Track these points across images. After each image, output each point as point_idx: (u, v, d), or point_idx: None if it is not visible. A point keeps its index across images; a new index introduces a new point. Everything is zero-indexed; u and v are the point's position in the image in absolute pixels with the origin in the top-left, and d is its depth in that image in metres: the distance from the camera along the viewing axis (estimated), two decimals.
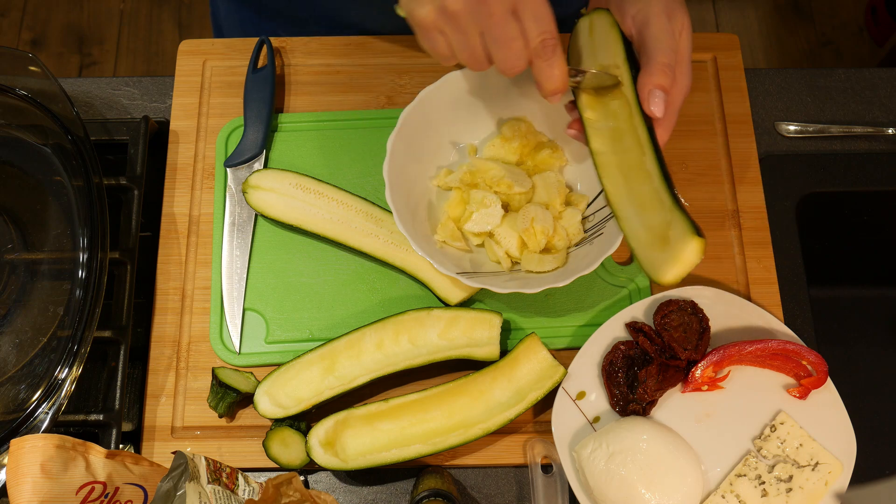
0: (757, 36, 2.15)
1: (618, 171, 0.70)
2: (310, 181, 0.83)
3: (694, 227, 0.63)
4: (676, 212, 0.64)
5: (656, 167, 0.66)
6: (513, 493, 0.77)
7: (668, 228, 0.65)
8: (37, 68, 0.80)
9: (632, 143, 0.68)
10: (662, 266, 0.64)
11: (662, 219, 0.66)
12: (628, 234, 0.69)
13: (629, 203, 0.69)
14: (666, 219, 0.65)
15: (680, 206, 0.64)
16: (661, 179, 0.66)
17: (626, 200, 0.70)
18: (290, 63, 0.92)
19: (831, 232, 0.94)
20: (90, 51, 2.13)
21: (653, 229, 0.67)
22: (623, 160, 0.70)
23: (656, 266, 0.65)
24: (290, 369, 0.75)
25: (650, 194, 0.67)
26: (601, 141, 0.70)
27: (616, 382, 0.74)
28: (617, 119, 0.70)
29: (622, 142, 0.69)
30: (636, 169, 0.68)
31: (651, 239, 0.67)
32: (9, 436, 0.68)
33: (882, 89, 0.93)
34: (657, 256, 0.65)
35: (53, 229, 0.79)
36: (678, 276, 0.64)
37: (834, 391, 0.75)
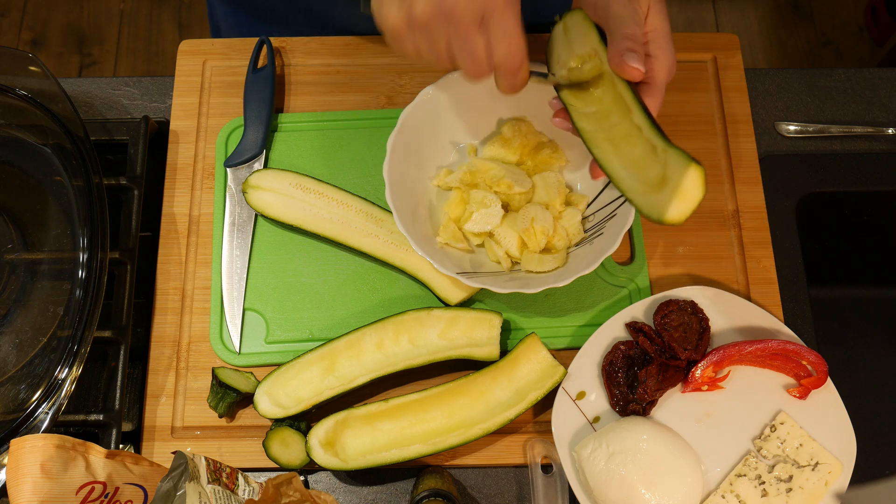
0: (757, 36, 2.15)
1: (607, 141, 0.70)
2: (310, 181, 0.83)
3: (689, 156, 0.61)
4: (670, 149, 0.62)
5: (645, 119, 0.65)
6: (513, 493, 0.77)
7: (664, 170, 0.63)
8: (37, 68, 0.80)
9: (619, 116, 0.69)
10: (666, 205, 0.62)
11: (659, 167, 0.64)
12: (625, 190, 0.67)
13: (625, 167, 0.68)
14: (661, 163, 0.64)
15: (672, 143, 0.63)
16: (651, 127, 0.65)
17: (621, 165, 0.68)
18: (290, 63, 0.92)
19: (831, 232, 0.94)
20: (90, 51, 2.13)
21: (651, 180, 0.66)
22: (612, 132, 0.69)
23: (658, 207, 0.63)
24: (290, 369, 0.75)
25: (643, 149, 0.66)
26: (588, 121, 0.70)
27: (616, 382, 0.74)
28: (601, 101, 0.70)
29: (609, 119, 0.70)
30: (626, 136, 0.68)
31: (649, 188, 0.65)
32: (9, 436, 0.68)
33: (882, 89, 0.93)
34: (658, 198, 0.63)
35: (53, 229, 0.79)
36: (684, 212, 0.62)
37: (834, 391, 0.75)
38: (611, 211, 0.78)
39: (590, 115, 0.71)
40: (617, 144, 0.69)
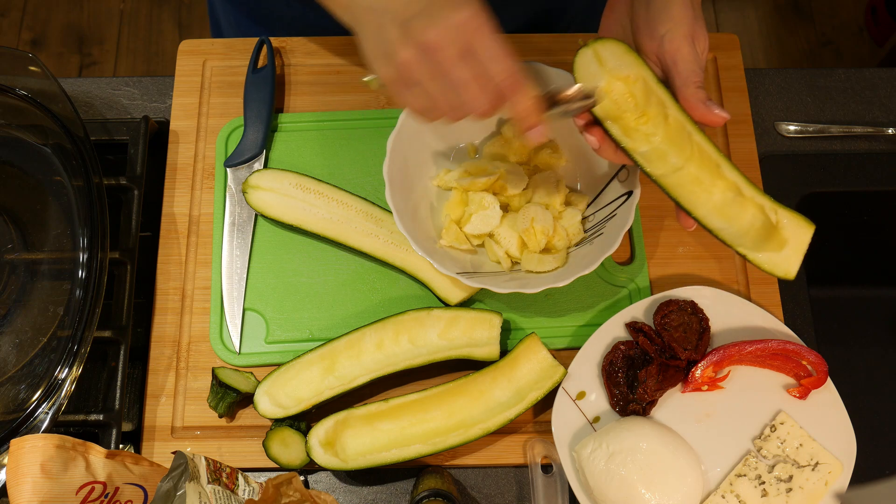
0: (757, 36, 2.15)
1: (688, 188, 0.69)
2: (310, 181, 0.83)
3: (804, 217, 0.67)
4: (781, 209, 0.68)
5: (737, 174, 0.68)
6: (513, 493, 0.77)
7: (774, 227, 0.68)
8: (37, 68, 0.80)
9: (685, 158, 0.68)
10: (789, 262, 0.68)
11: (756, 218, 0.68)
12: (732, 243, 0.69)
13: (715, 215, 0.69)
14: (766, 218, 0.68)
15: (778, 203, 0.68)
16: (749, 184, 0.68)
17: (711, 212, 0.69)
18: (290, 63, 0.92)
19: (831, 232, 0.94)
20: (90, 51, 2.13)
21: (752, 230, 0.69)
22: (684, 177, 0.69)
23: (783, 265, 0.68)
24: (290, 369, 0.75)
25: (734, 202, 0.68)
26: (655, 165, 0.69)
27: (616, 382, 0.74)
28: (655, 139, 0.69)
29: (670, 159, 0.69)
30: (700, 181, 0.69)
31: (756, 240, 0.69)
32: (9, 436, 0.68)
33: (882, 89, 0.93)
34: (778, 256, 0.68)
35: (53, 229, 0.79)
36: (798, 265, 0.68)
37: (834, 391, 0.75)
38: (611, 211, 0.78)
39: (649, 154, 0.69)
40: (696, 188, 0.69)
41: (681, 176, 0.69)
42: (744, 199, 0.68)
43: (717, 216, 0.69)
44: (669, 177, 0.69)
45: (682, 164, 0.68)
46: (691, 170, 0.68)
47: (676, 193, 0.68)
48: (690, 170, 0.68)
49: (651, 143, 0.69)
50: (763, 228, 0.68)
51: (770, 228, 0.68)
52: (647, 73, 0.67)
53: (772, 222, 0.68)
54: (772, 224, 0.68)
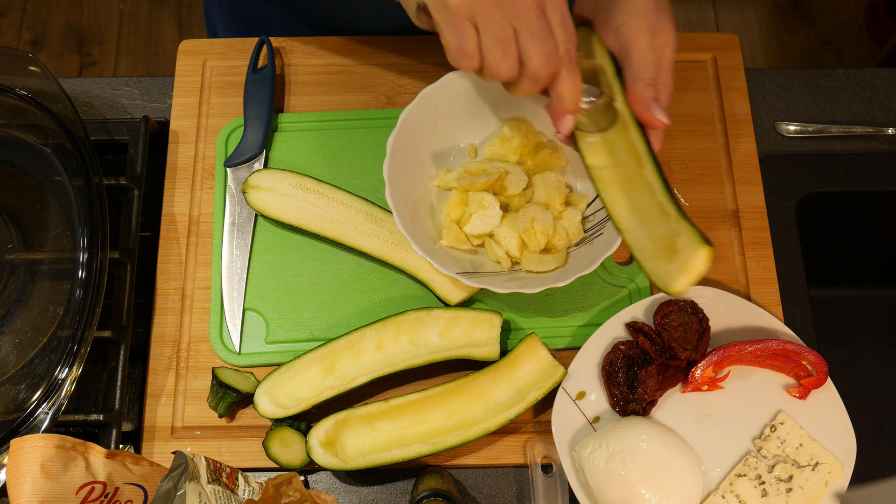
0: (757, 36, 2.15)
1: (616, 185, 0.70)
2: (310, 181, 0.83)
3: (702, 237, 0.63)
4: (683, 222, 0.64)
5: (658, 178, 0.66)
6: (513, 493, 0.77)
7: (674, 238, 0.65)
8: (37, 68, 0.80)
9: (627, 155, 0.68)
10: (672, 277, 0.65)
11: (667, 229, 0.66)
12: (633, 246, 0.69)
13: (631, 215, 0.69)
14: (671, 229, 0.65)
15: (685, 216, 0.65)
16: (664, 191, 0.66)
17: (628, 213, 0.69)
18: (290, 63, 0.92)
19: (831, 232, 0.94)
20: (90, 51, 2.13)
21: (657, 240, 0.67)
22: (621, 173, 0.69)
23: (665, 277, 0.66)
24: (290, 369, 0.75)
25: (652, 205, 0.67)
26: (596, 156, 0.69)
27: (616, 382, 0.74)
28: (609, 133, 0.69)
29: (616, 154, 0.69)
30: (635, 181, 0.68)
31: (656, 250, 0.67)
32: (9, 436, 0.68)
33: (882, 89, 0.93)
34: (665, 267, 0.66)
35: (53, 229, 0.79)
36: (687, 285, 0.65)
37: (834, 391, 0.75)
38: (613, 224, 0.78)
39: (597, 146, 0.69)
40: (627, 189, 0.69)
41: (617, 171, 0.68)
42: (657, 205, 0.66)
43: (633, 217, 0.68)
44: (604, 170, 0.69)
45: (625, 160, 0.68)
46: (631, 166, 0.67)
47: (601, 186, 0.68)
48: (631, 166, 0.67)
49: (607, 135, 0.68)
50: (666, 238, 0.66)
51: (671, 239, 0.66)
52: (608, 62, 0.66)
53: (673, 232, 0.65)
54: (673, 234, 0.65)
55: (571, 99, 0.62)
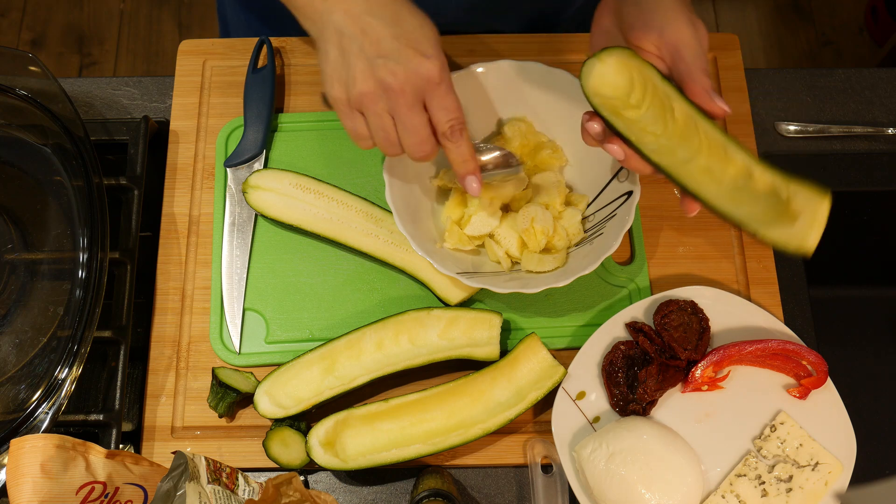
0: (757, 36, 2.15)
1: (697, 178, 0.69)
2: (310, 181, 0.83)
3: (819, 188, 0.66)
4: (794, 183, 0.66)
5: (748, 156, 0.67)
6: (513, 493, 0.77)
7: (788, 202, 0.67)
8: (37, 68, 0.80)
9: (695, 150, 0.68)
10: (804, 235, 0.66)
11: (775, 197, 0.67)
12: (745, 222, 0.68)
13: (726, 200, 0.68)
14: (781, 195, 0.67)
15: (792, 177, 0.66)
16: (761, 164, 0.67)
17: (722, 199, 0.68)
18: (290, 63, 0.92)
19: (831, 232, 0.93)
20: (90, 51, 2.13)
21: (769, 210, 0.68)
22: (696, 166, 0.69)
23: (797, 238, 0.67)
24: (290, 369, 0.75)
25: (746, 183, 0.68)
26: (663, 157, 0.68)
27: (616, 382, 0.74)
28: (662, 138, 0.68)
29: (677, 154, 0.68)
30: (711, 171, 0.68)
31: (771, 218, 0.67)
32: (9, 436, 0.68)
33: (882, 89, 0.93)
34: (791, 230, 0.67)
35: (53, 229, 0.79)
36: (817, 239, 0.67)
37: (834, 391, 0.75)
38: (611, 211, 0.78)
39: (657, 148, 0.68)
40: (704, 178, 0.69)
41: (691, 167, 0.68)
42: (754, 178, 0.67)
43: (727, 200, 0.68)
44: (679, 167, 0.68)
45: (691, 156, 0.68)
46: (701, 161, 0.68)
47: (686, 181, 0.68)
48: (700, 161, 0.68)
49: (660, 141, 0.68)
50: (775, 205, 0.67)
51: (783, 204, 0.67)
52: (652, 71, 0.67)
53: (783, 198, 0.67)
54: (783, 200, 0.67)
55: (461, 163, 0.69)
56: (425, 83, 0.64)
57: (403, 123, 0.65)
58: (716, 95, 0.66)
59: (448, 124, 0.66)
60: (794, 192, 0.66)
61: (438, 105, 0.66)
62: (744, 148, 0.67)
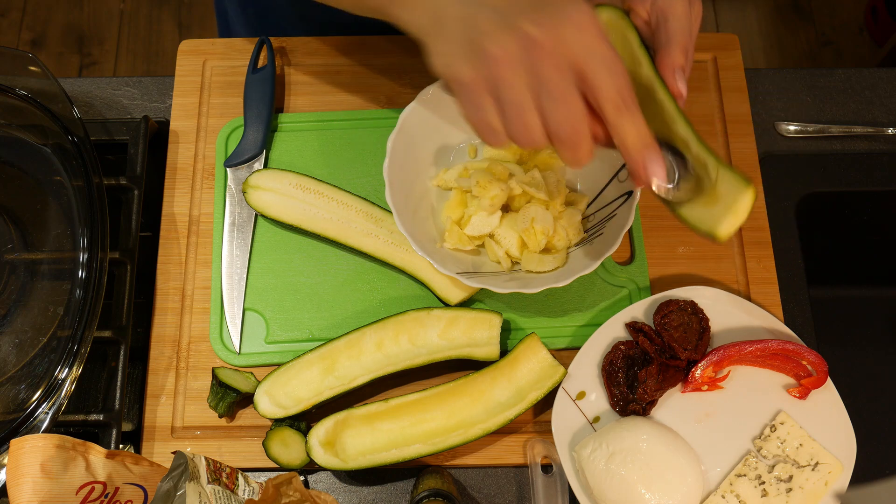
0: (757, 36, 2.15)
1: None
2: (310, 181, 0.83)
3: (744, 178, 0.63)
4: (722, 168, 0.64)
5: (691, 132, 0.66)
6: (513, 493, 0.77)
7: (714, 186, 0.64)
8: (37, 68, 0.80)
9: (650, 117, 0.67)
10: (717, 220, 0.63)
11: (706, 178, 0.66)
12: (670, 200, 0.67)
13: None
14: (710, 177, 0.65)
15: (723, 162, 0.64)
16: (699, 143, 0.66)
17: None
18: (290, 63, 0.92)
19: (831, 232, 0.94)
20: (90, 51, 2.13)
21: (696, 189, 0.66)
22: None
23: (709, 222, 0.64)
24: (290, 369, 0.75)
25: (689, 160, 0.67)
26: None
27: (616, 382, 0.74)
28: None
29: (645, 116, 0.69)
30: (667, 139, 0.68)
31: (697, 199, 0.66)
32: (9, 436, 0.68)
33: (882, 89, 0.93)
34: (707, 212, 0.65)
35: (53, 229, 0.79)
36: (734, 228, 0.63)
37: (834, 391, 0.75)
38: (611, 211, 0.78)
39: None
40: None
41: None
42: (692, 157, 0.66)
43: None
44: None
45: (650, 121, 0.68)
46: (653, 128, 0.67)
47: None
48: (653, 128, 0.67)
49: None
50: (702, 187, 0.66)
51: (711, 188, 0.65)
52: (634, 35, 0.67)
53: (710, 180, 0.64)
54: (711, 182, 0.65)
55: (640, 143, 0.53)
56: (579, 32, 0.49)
57: (552, 94, 0.49)
58: (680, 74, 0.62)
59: (617, 89, 0.50)
60: (723, 177, 0.63)
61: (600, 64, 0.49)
62: (691, 126, 0.66)
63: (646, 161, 0.54)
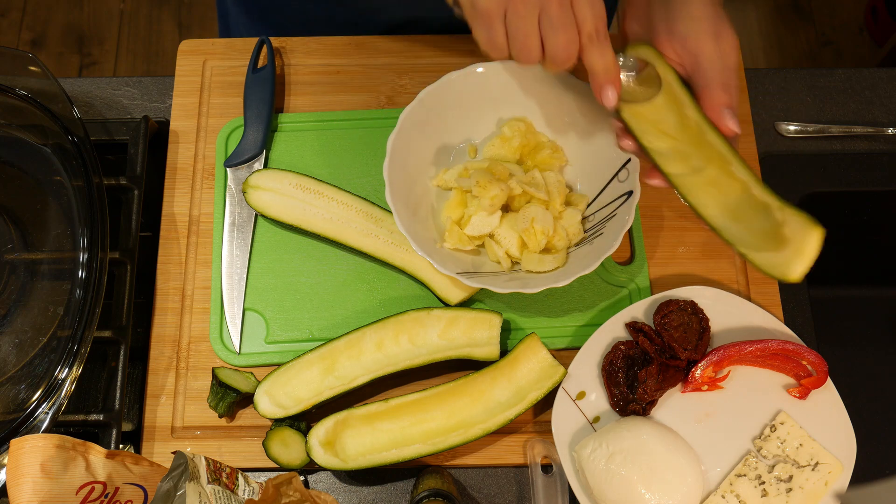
0: (757, 36, 2.15)
1: (701, 189, 0.69)
2: (310, 181, 0.83)
3: (812, 219, 0.64)
4: (788, 209, 0.65)
5: (750, 174, 0.66)
6: (513, 493, 0.77)
7: (779, 227, 0.66)
8: (37, 68, 0.80)
9: (704, 160, 0.68)
10: (788, 264, 0.65)
11: (768, 220, 0.67)
12: (734, 241, 0.69)
13: (725, 214, 0.69)
14: (774, 219, 0.66)
15: (788, 203, 0.65)
16: (760, 184, 0.66)
17: (721, 213, 0.69)
18: (290, 63, 0.92)
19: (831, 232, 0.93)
20: (90, 51, 2.13)
21: (760, 232, 0.68)
22: (704, 177, 0.69)
23: (781, 266, 0.66)
24: (290, 369, 0.75)
25: (746, 201, 0.68)
26: (674, 164, 0.69)
27: (616, 382, 0.74)
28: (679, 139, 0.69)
29: (690, 161, 0.69)
30: (718, 182, 0.68)
31: (761, 241, 0.67)
32: (9, 436, 0.68)
33: (882, 89, 0.93)
34: (777, 257, 0.66)
35: (53, 229, 0.79)
36: (806, 270, 0.65)
37: (834, 391, 0.75)
38: (611, 211, 0.78)
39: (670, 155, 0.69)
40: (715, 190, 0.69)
41: (698, 177, 0.69)
42: (751, 198, 0.67)
43: (724, 218, 0.68)
44: (686, 177, 0.69)
45: (702, 166, 0.68)
46: (710, 172, 0.68)
47: (687, 192, 0.68)
48: (709, 172, 0.68)
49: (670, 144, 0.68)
50: (768, 229, 0.67)
51: (775, 228, 0.67)
52: (672, 74, 0.67)
53: (776, 222, 0.66)
54: (776, 224, 0.66)
55: (603, 71, 0.65)
56: None
57: (552, 21, 0.62)
58: (728, 113, 0.65)
59: (593, 24, 0.63)
60: (788, 218, 0.65)
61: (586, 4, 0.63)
62: (746, 165, 0.67)
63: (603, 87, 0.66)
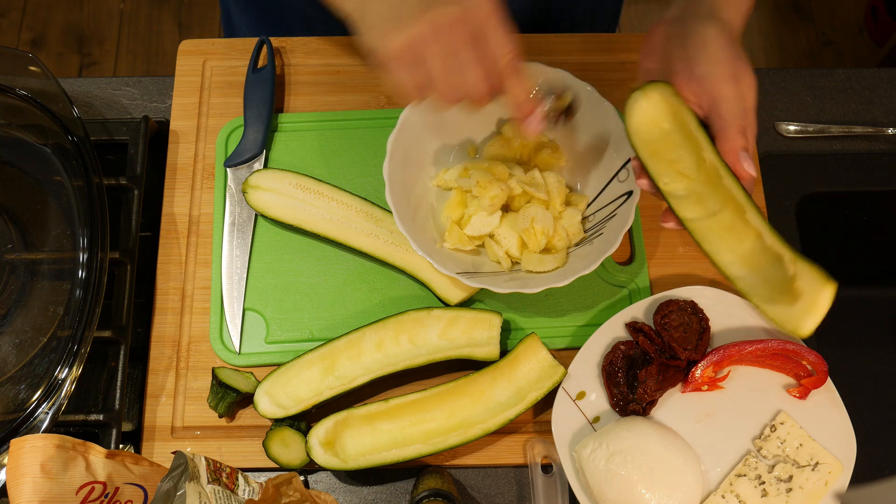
0: (757, 36, 2.15)
1: (716, 235, 0.69)
2: (310, 181, 0.83)
3: (825, 275, 0.64)
4: (801, 262, 0.65)
5: (764, 223, 0.67)
6: (513, 493, 0.77)
7: (792, 280, 0.66)
8: (37, 68, 0.80)
9: (720, 205, 0.68)
10: (800, 319, 0.67)
11: (781, 271, 0.67)
12: (747, 292, 0.70)
13: (738, 262, 0.69)
14: (787, 271, 0.66)
15: (802, 256, 0.65)
16: (774, 235, 0.66)
17: (734, 260, 0.69)
18: (290, 63, 0.92)
19: (831, 232, 0.94)
20: (90, 51, 2.13)
21: (773, 283, 0.68)
22: (718, 222, 0.69)
23: (793, 320, 0.68)
24: (290, 369, 0.75)
25: (760, 250, 0.68)
26: (690, 208, 0.69)
27: (616, 382, 0.74)
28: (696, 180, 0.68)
29: (707, 204, 0.69)
30: (734, 228, 0.68)
31: (773, 293, 0.68)
32: (9, 436, 0.68)
33: (882, 89, 0.93)
34: (789, 310, 0.68)
35: (53, 229, 0.79)
36: (816, 325, 0.66)
37: (834, 391, 0.75)
38: (611, 211, 0.78)
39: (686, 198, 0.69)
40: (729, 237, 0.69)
41: (714, 222, 0.68)
42: (765, 247, 0.67)
43: (740, 264, 0.68)
44: (702, 221, 0.68)
45: (718, 209, 0.68)
46: (726, 216, 0.68)
47: (702, 238, 0.68)
48: (725, 216, 0.68)
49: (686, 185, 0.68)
50: (781, 279, 0.67)
51: (789, 281, 0.66)
52: (690, 115, 0.66)
53: (788, 274, 0.66)
54: (790, 277, 0.66)
55: (522, 98, 0.67)
56: (477, 17, 0.62)
57: (461, 61, 0.63)
58: (746, 157, 0.65)
59: (504, 59, 0.64)
60: (801, 271, 0.65)
61: (493, 40, 0.63)
62: (761, 213, 0.67)
63: (525, 115, 0.69)
